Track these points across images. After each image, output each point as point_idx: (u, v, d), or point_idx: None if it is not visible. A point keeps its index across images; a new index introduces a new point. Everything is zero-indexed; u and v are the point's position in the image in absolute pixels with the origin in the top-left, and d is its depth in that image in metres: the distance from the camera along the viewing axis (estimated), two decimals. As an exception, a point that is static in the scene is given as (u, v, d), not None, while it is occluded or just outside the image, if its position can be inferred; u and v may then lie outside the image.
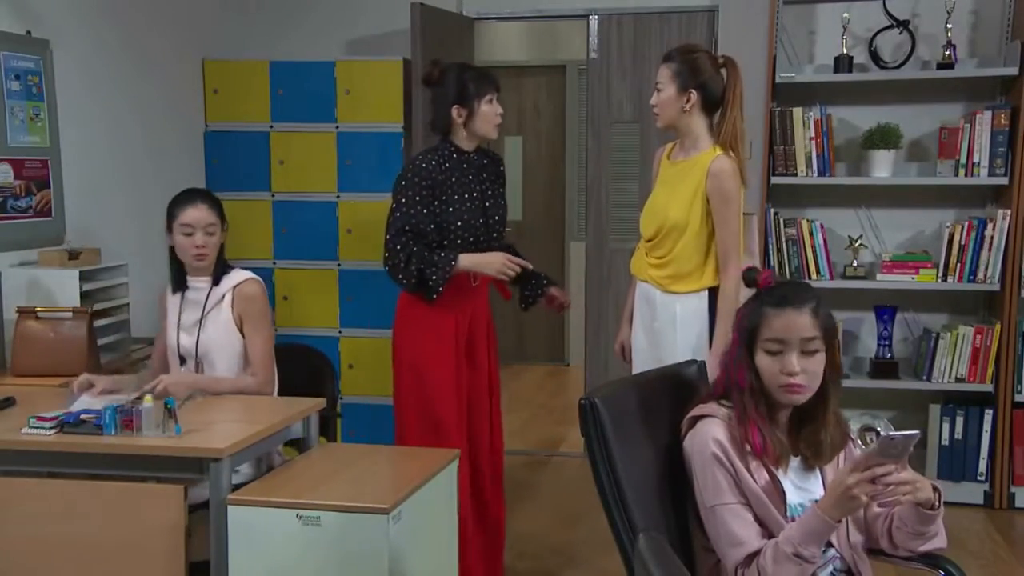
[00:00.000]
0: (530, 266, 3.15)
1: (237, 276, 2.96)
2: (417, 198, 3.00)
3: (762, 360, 1.91)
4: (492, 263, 3.07)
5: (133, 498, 2.38)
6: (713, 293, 2.90)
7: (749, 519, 1.88)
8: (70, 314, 3.20)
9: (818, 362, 1.90)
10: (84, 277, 3.38)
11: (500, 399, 3.38)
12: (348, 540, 2.24)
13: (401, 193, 3.02)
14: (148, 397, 2.43)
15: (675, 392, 2.20)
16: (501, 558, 3.38)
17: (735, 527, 1.88)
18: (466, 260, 3.03)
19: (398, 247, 2.99)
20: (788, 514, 1.92)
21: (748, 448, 1.90)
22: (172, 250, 2.92)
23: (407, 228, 3.00)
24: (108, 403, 2.47)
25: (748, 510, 1.89)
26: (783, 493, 1.92)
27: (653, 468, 2.04)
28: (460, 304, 3.11)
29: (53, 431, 2.42)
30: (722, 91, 2.89)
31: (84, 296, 3.36)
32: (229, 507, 2.31)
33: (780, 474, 1.93)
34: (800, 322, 1.89)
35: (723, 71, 2.90)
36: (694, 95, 2.88)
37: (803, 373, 1.88)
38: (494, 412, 3.32)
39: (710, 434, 1.91)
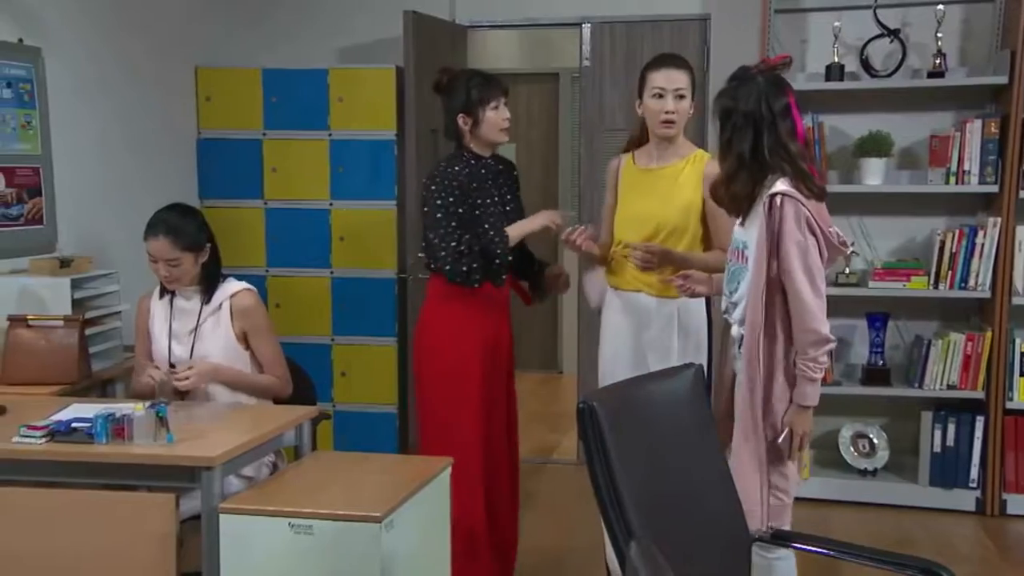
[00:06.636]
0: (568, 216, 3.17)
1: (230, 287, 2.93)
2: (451, 199, 3.00)
3: None
4: (537, 220, 3.13)
5: (124, 507, 2.38)
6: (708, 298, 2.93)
7: None
8: (61, 322, 3.19)
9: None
10: (75, 285, 3.37)
11: (518, 415, 3.34)
12: (340, 549, 2.23)
13: (436, 196, 3.02)
14: (139, 405, 2.43)
15: (673, 395, 2.20)
16: None
17: None
18: (514, 229, 3.08)
19: (453, 242, 2.98)
20: None
21: None
22: None
23: (454, 224, 2.99)
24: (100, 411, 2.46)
25: None
26: None
27: (651, 472, 2.03)
28: (487, 312, 3.11)
29: (44, 440, 2.41)
30: None
31: (75, 304, 3.35)
32: (221, 516, 2.30)
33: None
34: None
35: None
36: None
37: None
38: (511, 428, 3.29)
39: None
